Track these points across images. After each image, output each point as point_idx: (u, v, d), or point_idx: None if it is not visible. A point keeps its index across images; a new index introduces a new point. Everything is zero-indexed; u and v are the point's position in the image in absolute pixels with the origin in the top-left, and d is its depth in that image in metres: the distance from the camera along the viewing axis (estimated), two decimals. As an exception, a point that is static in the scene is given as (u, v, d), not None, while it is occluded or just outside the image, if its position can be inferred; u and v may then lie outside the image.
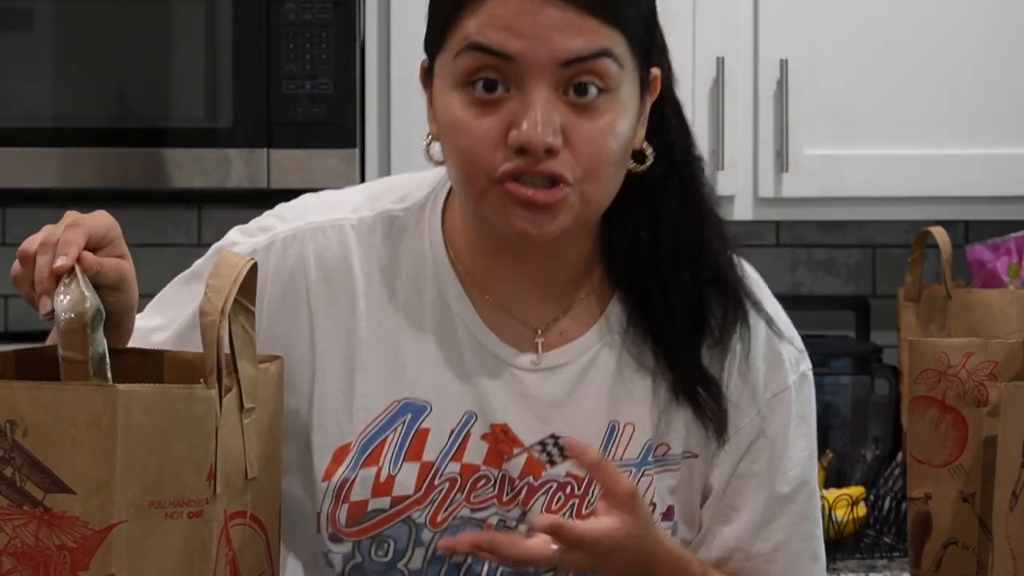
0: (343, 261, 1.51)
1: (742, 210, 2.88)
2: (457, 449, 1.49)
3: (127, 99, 2.75)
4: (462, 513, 1.49)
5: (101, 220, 1.33)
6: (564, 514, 1.49)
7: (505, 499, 1.49)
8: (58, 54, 2.73)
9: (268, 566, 1.27)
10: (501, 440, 1.49)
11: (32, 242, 1.30)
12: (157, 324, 1.53)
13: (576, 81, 1.38)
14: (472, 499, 1.48)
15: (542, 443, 1.50)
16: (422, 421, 1.49)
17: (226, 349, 1.20)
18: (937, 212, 2.89)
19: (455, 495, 1.48)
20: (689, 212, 1.53)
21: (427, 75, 1.46)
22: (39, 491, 1.11)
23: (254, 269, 1.23)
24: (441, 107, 1.42)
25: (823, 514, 2.63)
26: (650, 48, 1.45)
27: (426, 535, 1.48)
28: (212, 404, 1.17)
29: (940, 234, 2.53)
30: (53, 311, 1.26)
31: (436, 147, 1.47)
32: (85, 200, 3.00)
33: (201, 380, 1.18)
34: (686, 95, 2.87)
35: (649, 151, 1.48)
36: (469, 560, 1.48)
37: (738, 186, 2.87)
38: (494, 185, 1.39)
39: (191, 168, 2.70)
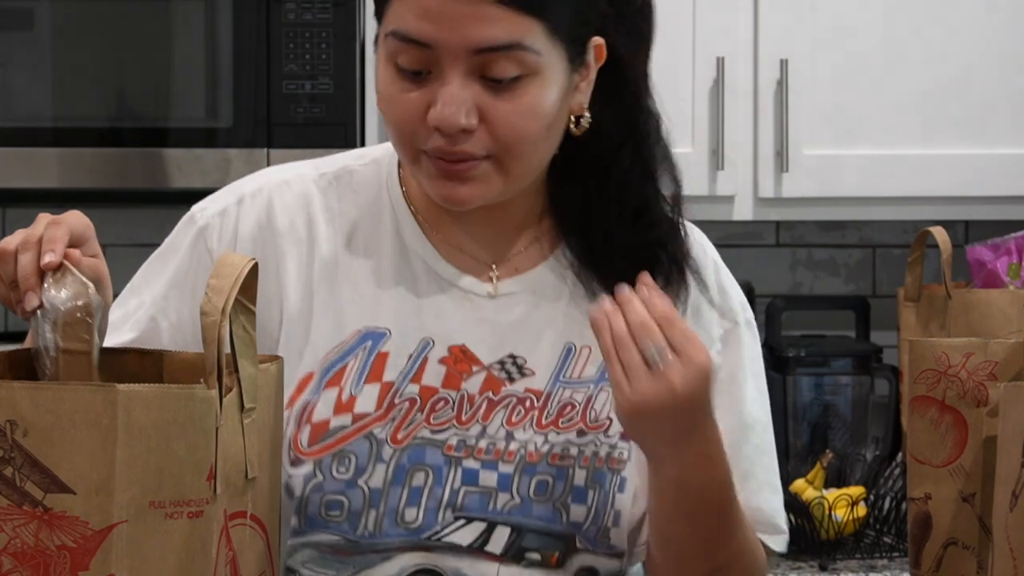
0: (305, 209, 1.58)
1: (742, 210, 2.89)
2: (416, 371, 1.53)
3: (127, 99, 2.75)
4: (422, 433, 1.52)
5: (79, 219, 1.38)
6: (524, 426, 1.53)
7: (464, 419, 1.53)
8: (58, 54, 2.73)
9: (268, 566, 1.27)
10: (459, 360, 1.54)
11: (9, 242, 1.32)
12: (124, 312, 1.58)
13: (490, 66, 1.43)
14: (432, 420, 1.52)
15: (500, 362, 1.55)
16: (381, 346, 1.54)
17: (227, 349, 1.20)
18: (937, 212, 2.90)
19: (415, 415, 1.52)
20: (638, 172, 1.57)
21: (376, 43, 1.53)
22: (39, 491, 1.11)
23: (255, 269, 1.24)
24: (378, 76, 1.49)
25: (823, 514, 2.64)
26: (585, 24, 1.50)
27: (387, 451, 1.51)
28: (212, 404, 1.17)
29: (940, 234, 2.53)
30: (40, 306, 1.27)
31: None
32: (85, 200, 3.00)
33: (201, 380, 1.18)
34: (686, 95, 2.91)
35: (586, 116, 1.52)
36: (431, 480, 1.52)
37: (738, 186, 2.87)
38: (420, 153, 1.48)
39: (191, 168, 2.70)
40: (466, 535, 1.52)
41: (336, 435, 1.51)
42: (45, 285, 1.29)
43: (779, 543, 1.64)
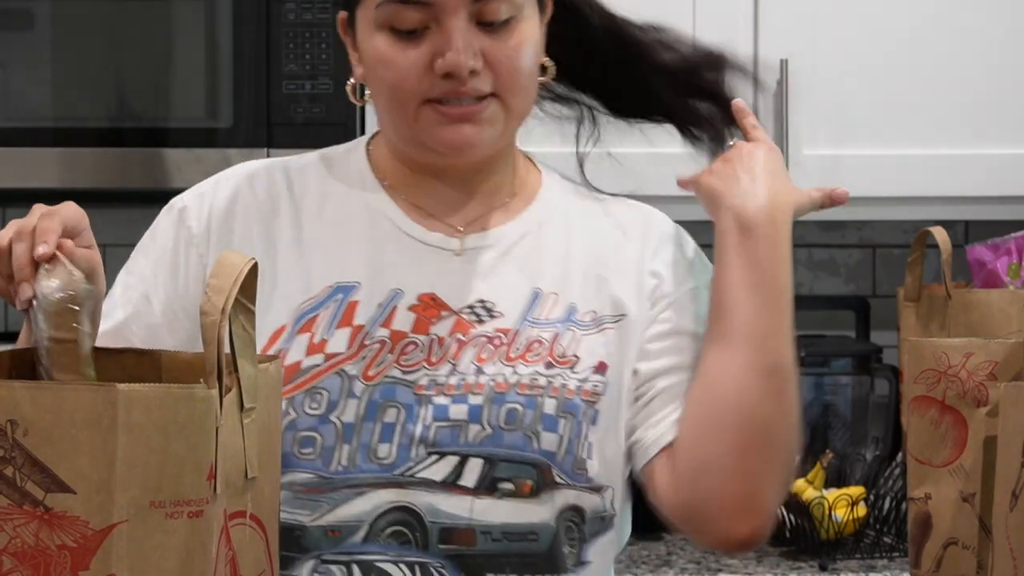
0: (278, 185, 1.67)
1: (742, 210, 2.88)
2: (386, 317, 1.59)
3: (127, 99, 2.74)
4: (393, 373, 1.57)
5: (73, 210, 1.43)
6: (494, 361, 1.58)
7: (434, 360, 1.58)
8: (58, 54, 2.73)
9: (268, 566, 1.27)
10: (428, 307, 1.60)
11: (3, 235, 1.34)
12: (113, 298, 1.64)
13: (485, 11, 1.56)
14: (402, 362, 1.58)
15: (470, 306, 1.61)
16: (352, 296, 1.60)
17: (226, 349, 1.20)
18: (937, 212, 2.89)
19: (385, 355, 1.58)
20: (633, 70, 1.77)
21: (347, 26, 1.65)
22: (39, 491, 1.11)
23: (255, 269, 1.23)
24: (367, 49, 1.59)
25: (823, 514, 2.64)
26: None
27: (358, 387, 1.56)
28: (212, 404, 1.17)
29: (940, 234, 2.53)
30: (34, 298, 1.27)
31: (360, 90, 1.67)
32: (85, 200, 3.00)
33: (201, 380, 1.18)
34: (686, 95, 2.89)
35: (550, 64, 1.66)
36: (402, 417, 1.56)
37: (738, 186, 2.87)
38: (424, 107, 1.57)
39: (191, 168, 2.70)
40: (439, 470, 1.56)
41: (308, 373, 1.56)
42: (38, 276, 1.29)
43: None
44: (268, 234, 1.63)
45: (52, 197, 2.89)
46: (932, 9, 2.89)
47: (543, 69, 1.66)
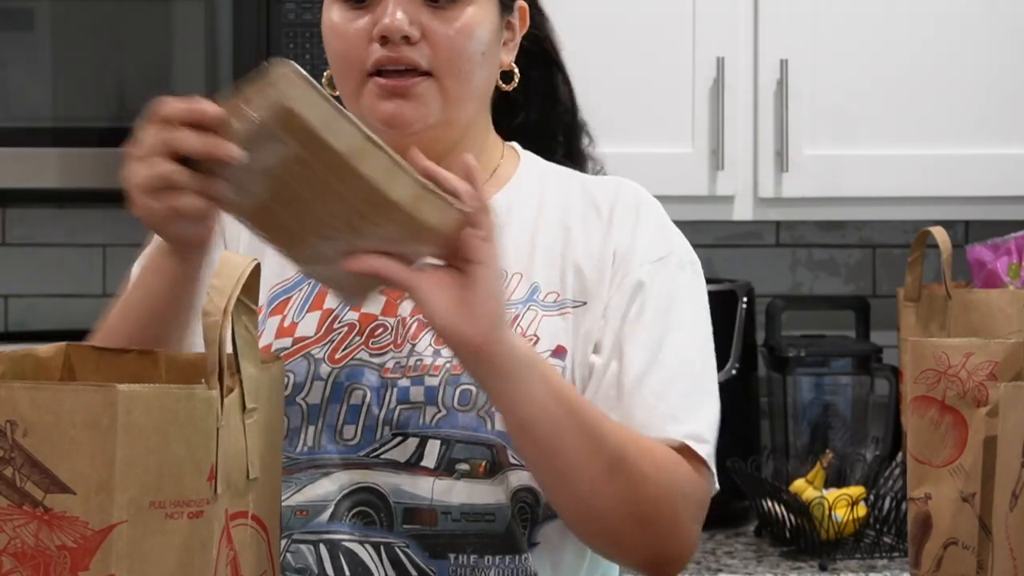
0: None
1: (742, 210, 2.89)
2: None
3: (127, 99, 2.74)
4: (360, 355, 1.59)
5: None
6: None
7: (399, 342, 1.59)
8: (58, 54, 2.73)
9: (269, 566, 1.27)
10: (393, 293, 1.60)
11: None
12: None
13: None
14: (371, 344, 1.59)
15: None
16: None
17: (228, 349, 1.20)
18: (937, 212, 2.90)
19: (354, 337, 1.60)
20: (564, 123, 1.81)
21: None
22: (39, 491, 1.11)
23: (257, 269, 1.23)
24: (324, 23, 1.65)
25: (823, 514, 2.64)
26: None
27: (324, 369, 1.58)
28: (213, 404, 1.16)
29: (940, 234, 2.53)
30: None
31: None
32: (85, 200, 3.01)
33: (202, 380, 1.18)
34: (686, 95, 2.91)
35: (516, 74, 1.70)
36: (368, 399, 1.57)
37: (738, 186, 2.87)
38: (365, 80, 1.59)
39: (191, 168, 2.70)
40: (402, 451, 1.57)
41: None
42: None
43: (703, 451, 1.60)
44: (243, 231, 1.63)
45: (52, 197, 2.91)
46: (932, 10, 2.89)
47: (507, 75, 1.68)
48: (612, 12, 2.85)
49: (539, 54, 1.77)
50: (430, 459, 1.57)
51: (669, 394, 1.59)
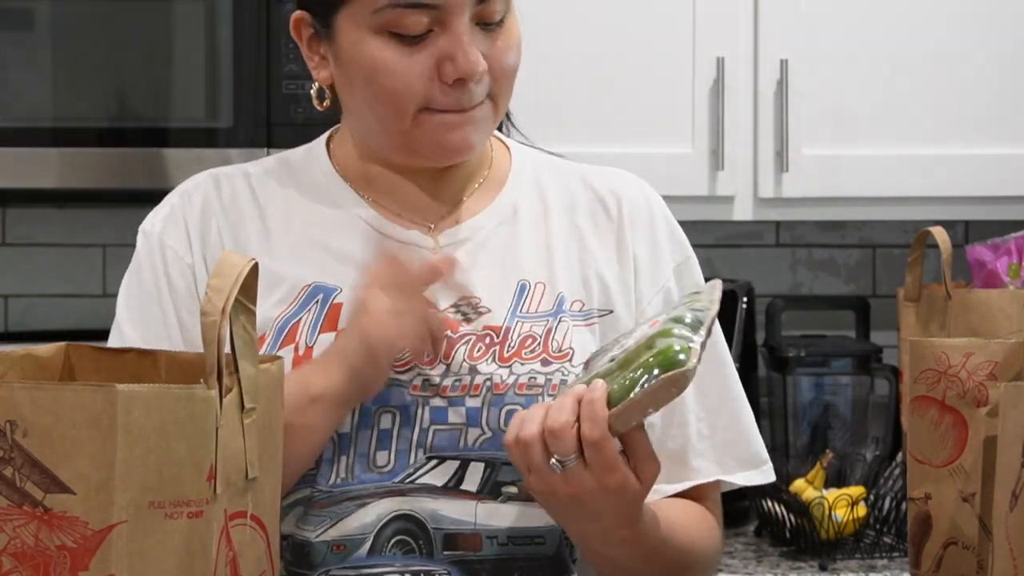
0: (241, 192, 1.63)
1: (742, 210, 2.88)
2: None
3: (127, 99, 2.74)
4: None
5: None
6: (487, 360, 1.54)
7: (426, 358, 1.54)
8: (58, 54, 2.73)
9: (269, 566, 1.27)
10: None
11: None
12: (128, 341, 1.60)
13: (486, 11, 1.52)
14: (394, 363, 1.52)
15: (455, 305, 1.56)
16: (334, 299, 1.56)
17: (227, 349, 1.20)
18: (937, 212, 2.90)
19: None
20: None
21: (313, 27, 1.57)
22: (39, 491, 1.11)
23: (255, 269, 1.23)
24: (358, 54, 1.52)
25: (823, 514, 2.64)
26: None
27: None
28: (212, 404, 1.17)
29: (940, 234, 2.53)
30: None
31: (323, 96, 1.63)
32: (85, 200, 3.01)
33: (201, 380, 1.18)
34: (686, 95, 2.91)
35: None
36: (399, 420, 1.52)
37: (738, 186, 2.87)
38: (422, 114, 1.52)
39: (191, 168, 2.68)
40: (440, 475, 1.52)
41: None
42: None
43: (766, 474, 1.68)
44: (236, 241, 1.60)
45: (52, 197, 2.90)
46: (931, 10, 2.89)
47: None
48: (612, 12, 2.85)
49: None
50: (471, 482, 1.52)
51: (725, 434, 1.66)
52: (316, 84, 1.61)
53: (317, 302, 1.56)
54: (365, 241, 1.58)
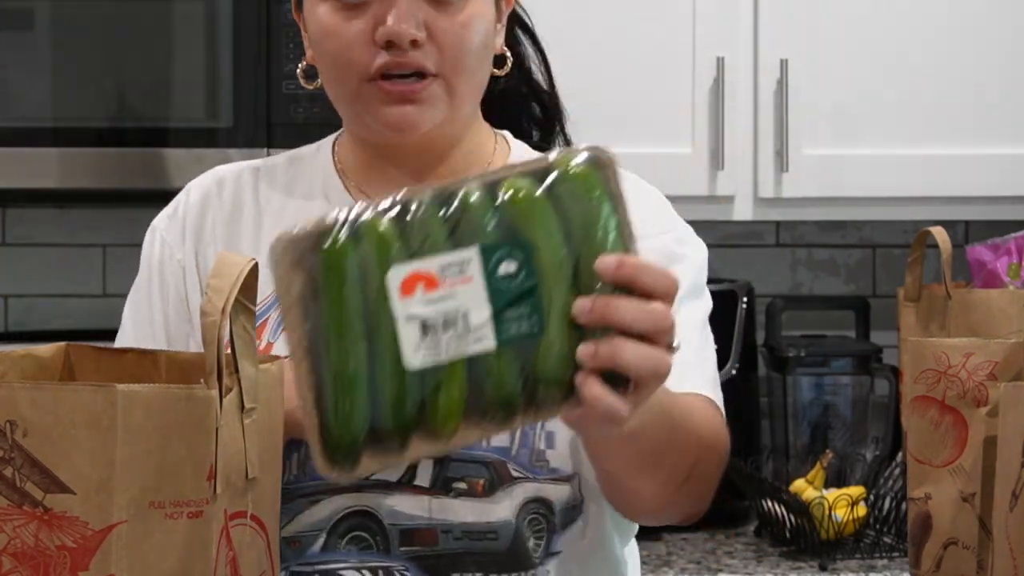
0: (245, 188, 1.65)
1: (742, 210, 2.88)
2: None
3: (127, 99, 2.74)
4: None
5: None
6: None
7: None
8: (58, 54, 2.73)
9: (268, 566, 1.27)
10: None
11: None
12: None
13: None
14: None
15: None
16: None
17: (226, 349, 1.20)
18: (937, 212, 2.89)
19: None
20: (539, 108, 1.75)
21: (298, 6, 1.61)
22: (39, 491, 1.11)
23: (255, 269, 1.23)
24: (311, 21, 1.56)
25: (823, 514, 2.64)
26: None
27: None
28: (212, 404, 1.16)
29: (940, 234, 2.53)
30: None
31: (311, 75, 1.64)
32: (85, 200, 3.01)
33: (201, 380, 1.18)
34: (686, 95, 2.91)
35: (509, 57, 1.62)
36: None
37: (738, 186, 2.87)
38: (366, 84, 1.52)
39: (191, 168, 2.69)
40: (393, 471, 1.52)
41: None
42: None
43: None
44: (229, 239, 1.61)
45: (52, 197, 2.90)
46: (932, 9, 2.89)
47: (500, 60, 1.61)
48: (612, 12, 2.85)
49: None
50: (423, 478, 1.52)
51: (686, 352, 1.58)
52: (303, 63, 1.63)
53: None
54: None
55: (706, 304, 1.65)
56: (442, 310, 1.16)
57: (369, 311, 1.16)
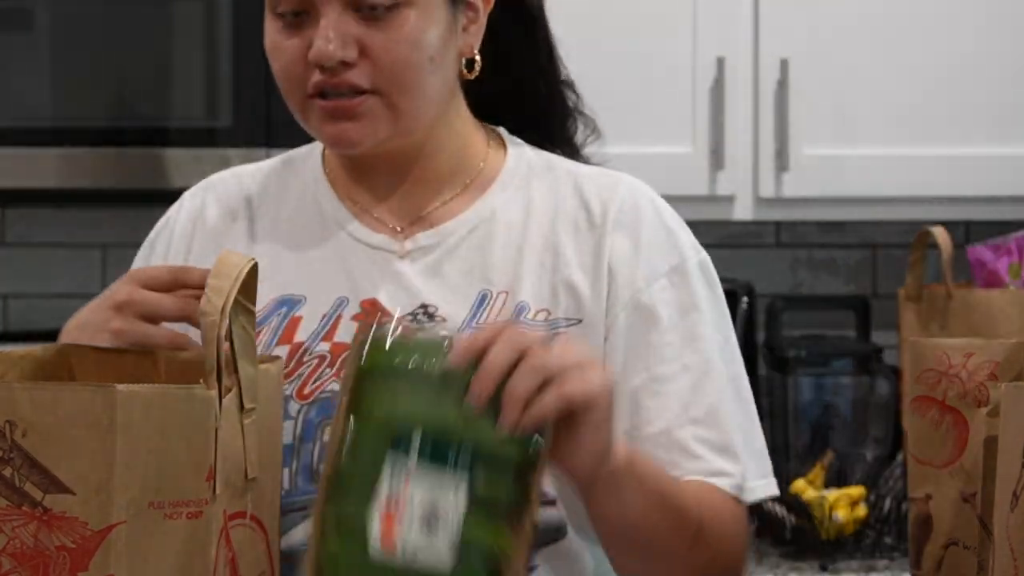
0: (238, 195, 1.64)
1: (742, 210, 2.88)
2: (328, 330, 1.54)
3: (127, 99, 2.74)
4: (331, 387, 1.51)
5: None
6: None
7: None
8: (58, 54, 2.73)
9: (268, 566, 1.27)
10: (371, 313, 1.53)
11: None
12: None
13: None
14: (341, 375, 1.48)
15: (412, 314, 1.54)
16: (296, 311, 1.56)
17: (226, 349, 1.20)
18: (937, 212, 2.89)
19: (323, 370, 1.52)
20: (551, 104, 1.70)
21: None
22: (38, 492, 1.11)
23: (254, 269, 1.23)
24: (265, 31, 1.55)
25: (823, 514, 2.64)
26: None
27: (293, 407, 1.51)
28: (212, 404, 1.17)
29: (941, 234, 2.53)
30: None
31: None
32: (85, 200, 3.01)
33: (201, 380, 1.18)
34: (686, 95, 2.91)
35: (478, 60, 1.57)
36: None
37: (738, 186, 2.87)
38: (307, 100, 1.52)
39: (191, 168, 2.70)
40: None
41: None
42: None
43: (770, 487, 1.62)
44: (219, 248, 1.56)
45: (52, 197, 2.90)
46: (932, 9, 2.89)
47: (470, 63, 1.56)
48: (612, 12, 2.85)
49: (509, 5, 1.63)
50: None
51: (710, 439, 1.56)
52: None
53: (280, 314, 1.56)
54: (334, 247, 1.58)
55: (709, 316, 1.60)
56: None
57: None
